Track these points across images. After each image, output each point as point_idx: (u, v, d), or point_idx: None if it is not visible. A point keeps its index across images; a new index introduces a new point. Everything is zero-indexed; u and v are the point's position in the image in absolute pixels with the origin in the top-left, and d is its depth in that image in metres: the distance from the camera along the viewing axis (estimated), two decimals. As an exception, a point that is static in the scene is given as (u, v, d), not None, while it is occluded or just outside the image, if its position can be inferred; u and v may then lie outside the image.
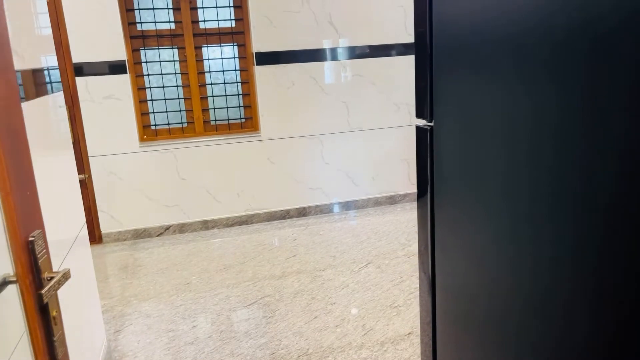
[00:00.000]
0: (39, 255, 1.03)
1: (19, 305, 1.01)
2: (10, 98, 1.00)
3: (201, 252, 3.84)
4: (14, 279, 0.98)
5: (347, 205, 4.59)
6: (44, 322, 1.03)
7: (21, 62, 1.76)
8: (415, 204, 4.61)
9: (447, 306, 1.27)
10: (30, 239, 1.01)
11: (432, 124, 1.24)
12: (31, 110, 1.82)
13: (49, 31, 2.35)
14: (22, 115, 1.06)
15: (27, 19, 1.94)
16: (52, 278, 1.05)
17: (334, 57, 4.27)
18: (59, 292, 1.10)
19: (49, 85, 2.17)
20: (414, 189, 4.71)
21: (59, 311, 1.09)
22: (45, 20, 2.31)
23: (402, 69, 4.43)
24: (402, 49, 4.39)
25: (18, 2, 1.85)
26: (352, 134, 4.45)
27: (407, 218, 4.29)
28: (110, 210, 4.08)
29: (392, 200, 4.68)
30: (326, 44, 4.23)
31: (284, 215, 4.46)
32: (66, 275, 1.08)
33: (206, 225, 4.30)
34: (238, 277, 3.37)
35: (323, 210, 4.54)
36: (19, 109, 1.05)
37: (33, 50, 1.94)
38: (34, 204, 1.08)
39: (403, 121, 4.54)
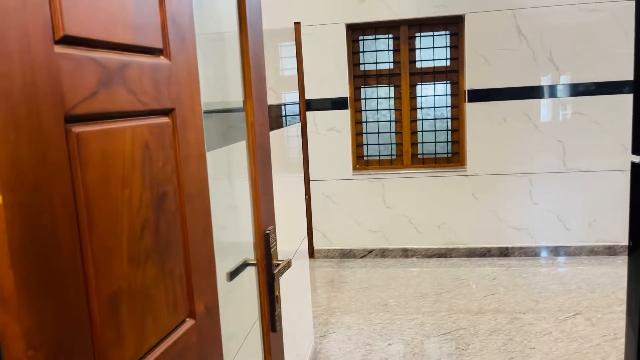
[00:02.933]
0: (271, 245, 1.33)
1: (255, 283, 1.32)
2: (264, 125, 1.34)
3: (400, 277, 4.03)
4: (254, 262, 1.30)
5: (555, 251, 4.29)
6: (270, 298, 1.32)
7: (274, 97, 2.21)
8: (640, 258, 4.08)
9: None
10: (267, 232, 1.32)
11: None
12: (276, 137, 2.26)
13: (294, 72, 2.85)
14: (269, 139, 1.39)
15: (278, 62, 2.41)
16: (278, 265, 1.35)
17: (551, 94, 4.11)
18: (286, 286, 1.39)
19: (290, 118, 2.64)
20: (640, 241, 4.16)
21: (279, 293, 1.38)
22: (292, 63, 2.82)
23: (632, 107, 4.01)
24: (632, 87, 3.98)
25: (272, 47, 2.33)
26: (567, 175, 4.18)
27: (629, 272, 3.82)
28: (323, 229, 4.57)
29: (611, 251, 4.22)
30: (544, 81, 4.11)
31: (485, 253, 4.38)
32: (289, 264, 1.37)
33: (406, 253, 4.48)
34: (434, 307, 3.45)
35: (527, 252, 4.33)
36: (267, 134, 1.38)
37: (282, 88, 2.41)
38: (271, 206, 1.40)
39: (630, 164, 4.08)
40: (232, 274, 1.27)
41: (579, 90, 4.08)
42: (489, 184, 4.30)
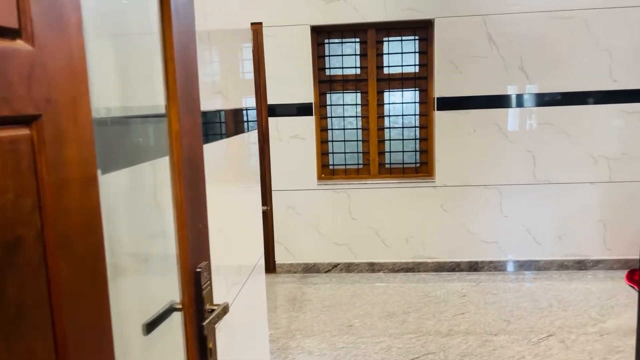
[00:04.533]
0: (203, 287, 1.07)
1: (181, 332, 1.05)
2: (194, 135, 1.08)
3: (366, 294, 3.80)
4: (180, 307, 1.04)
5: (525, 265, 4.15)
6: (201, 352, 1.06)
7: (223, 101, 1.94)
8: (611, 274, 3.99)
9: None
10: (198, 270, 1.06)
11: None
12: (230, 145, 2.00)
13: (251, 76, 2.60)
14: (201, 152, 1.14)
15: (233, 65, 2.15)
16: (212, 311, 1.09)
17: (522, 104, 3.98)
18: (238, 311, 1.14)
19: (246, 124, 2.38)
20: (610, 255, 4.07)
21: (214, 343, 1.12)
22: (248, 66, 2.57)
23: (603, 118, 3.93)
24: (604, 97, 3.90)
25: (227, 49, 2.07)
26: (538, 187, 4.06)
27: (600, 288, 3.70)
28: (285, 242, 4.31)
29: (581, 266, 4.10)
30: (514, 90, 3.97)
31: (454, 267, 4.21)
32: (225, 310, 1.12)
33: (372, 267, 4.27)
34: (401, 328, 3.23)
35: (497, 267, 4.18)
36: (200, 146, 1.12)
37: (235, 92, 2.15)
38: (204, 237, 1.14)
39: (601, 176, 3.99)
40: (151, 325, 1.00)
41: (549, 99, 3.96)
42: (458, 196, 4.13)
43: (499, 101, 3.99)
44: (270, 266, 4.35)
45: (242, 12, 2.47)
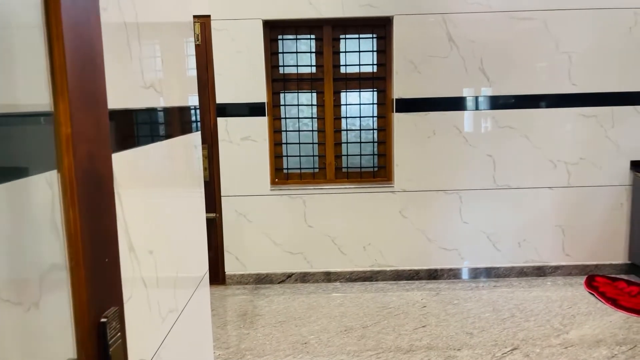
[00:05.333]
0: (111, 341, 0.81)
1: None
2: (97, 141, 0.81)
3: (322, 307, 3.57)
4: None
5: (485, 272, 4.04)
6: None
7: (154, 98, 1.66)
8: (570, 280, 3.94)
9: None
10: (103, 320, 0.80)
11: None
12: (167, 148, 1.72)
13: (194, 72, 2.31)
14: (110, 163, 0.88)
15: (171, 59, 1.87)
16: None
17: (483, 106, 3.87)
18: (171, 337, 0.88)
19: (189, 124, 2.10)
20: (569, 261, 4.02)
21: None
22: (192, 62, 2.28)
23: (563, 122, 3.87)
24: (563, 100, 3.84)
25: (163, 42, 1.79)
26: (498, 192, 3.95)
27: (560, 296, 3.63)
28: (236, 251, 4.02)
29: (540, 272, 4.03)
30: (474, 92, 3.85)
31: (412, 275, 4.05)
32: None
33: (329, 277, 4.04)
34: (360, 344, 3.02)
35: (457, 274, 4.05)
36: (106, 156, 0.86)
37: (172, 89, 1.87)
38: (113, 274, 0.88)
39: (560, 181, 3.93)
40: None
41: (509, 102, 3.86)
42: (418, 201, 3.97)
43: (459, 103, 3.86)
44: (220, 277, 4.05)
45: (185, 2, 2.18)
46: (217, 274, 4.04)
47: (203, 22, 3.80)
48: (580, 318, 3.26)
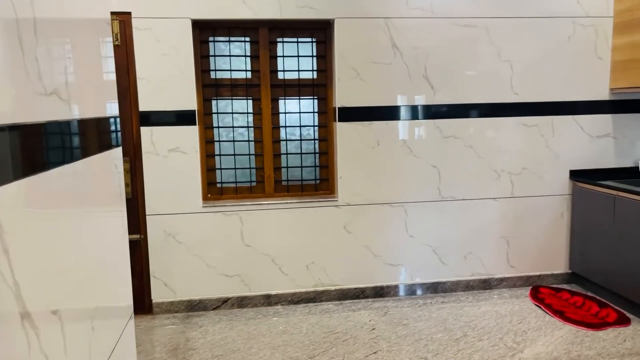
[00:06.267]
0: None
1: None
2: None
3: (263, 335, 3.24)
4: None
5: (433, 287, 3.89)
6: None
7: (60, 108, 1.29)
8: (515, 292, 3.87)
9: None
10: None
11: None
12: (71, 174, 1.35)
13: (112, 77, 1.93)
14: None
15: (80, 61, 1.49)
16: None
17: (427, 116, 3.72)
18: None
19: (104, 139, 1.72)
20: (513, 273, 3.96)
21: None
22: (109, 65, 1.90)
23: (506, 132, 3.80)
24: (506, 109, 3.78)
25: (71, 41, 1.42)
26: (443, 204, 3.82)
27: (508, 310, 3.53)
28: (164, 276, 3.60)
29: (486, 285, 3.94)
30: (419, 101, 3.70)
31: (358, 294, 3.81)
32: None
33: (269, 300, 3.72)
34: (307, 379, 2.73)
35: (404, 291, 3.87)
36: None
37: (83, 96, 1.49)
38: None
39: (504, 192, 3.86)
40: None
41: (454, 112, 3.74)
42: (362, 215, 3.75)
43: (403, 112, 3.69)
44: (146, 306, 3.61)
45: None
46: (142, 303, 3.59)
47: (123, 20, 3.37)
48: (532, 334, 3.16)
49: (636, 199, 3.28)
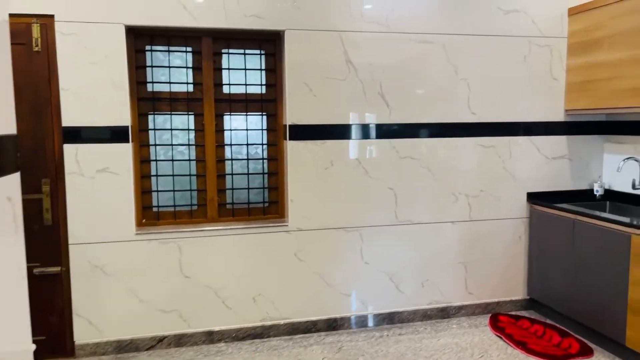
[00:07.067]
0: None
1: None
2: None
3: (203, 381, 2.87)
4: None
5: (389, 318, 3.65)
6: None
7: None
8: (474, 321, 3.69)
9: None
10: None
11: None
12: None
13: (7, 86, 1.57)
14: None
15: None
16: None
17: (383, 135, 3.51)
18: None
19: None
20: (472, 300, 3.78)
21: None
22: (5, 70, 1.54)
23: (463, 153, 3.65)
24: (464, 130, 3.63)
25: None
26: (400, 228, 3.60)
27: (468, 342, 3.33)
28: (89, 314, 3.16)
29: (444, 314, 3.73)
30: (374, 119, 3.48)
31: (310, 328, 3.51)
32: None
33: (211, 337, 3.35)
34: None
35: (358, 322, 3.60)
36: None
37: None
38: None
39: (462, 215, 3.69)
40: None
41: (410, 131, 3.55)
42: (315, 241, 3.47)
43: (358, 131, 3.46)
44: (67, 349, 3.15)
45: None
46: (62, 345, 3.13)
47: (44, 23, 2.97)
48: (495, 369, 2.96)
49: (596, 223, 3.18)
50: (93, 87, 3.04)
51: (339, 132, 3.42)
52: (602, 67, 3.43)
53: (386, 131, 3.51)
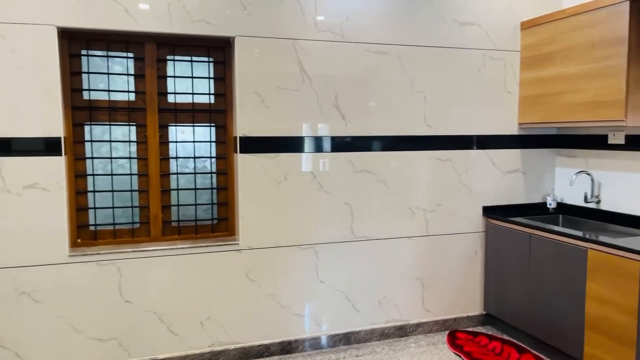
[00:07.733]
0: None
1: None
2: None
3: (143, 417, 2.61)
4: None
5: (345, 338, 3.49)
6: None
7: None
8: (432, 339, 3.60)
9: None
10: None
11: None
12: None
13: None
14: None
15: None
16: None
17: (338, 148, 3.38)
18: None
19: None
20: (429, 317, 3.69)
21: None
22: None
23: (420, 166, 3.57)
24: (420, 143, 3.55)
25: None
26: (356, 245, 3.47)
27: (427, 362, 3.23)
28: (14, 346, 2.83)
29: (402, 332, 3.62)
30: (329, 131, 3.35)
31: (262, 352, 3.31)
32: None
33: (154, 367, 3.09)
34: None
35: (314, 344, 3.43)
36: None
37: None
38: None
39: (418, 230, 3.61)
40: None
41: (366, 144, 3.44)
42: (268, 260, 3.28)
43: (313, 144, 3.31)
44: (-12, 387, 2.81)
45: None
46: (-17, 383, 2.79)
47: (-36, 22, 2.66)
48: (455, 391, 2.86)
49: (552, 237, 3.16)
50: (20, 95, 2.75)
51: (293, 144, 3.26)
52: (554, 81, 3.45)
53: (342, 144, 3.38)
